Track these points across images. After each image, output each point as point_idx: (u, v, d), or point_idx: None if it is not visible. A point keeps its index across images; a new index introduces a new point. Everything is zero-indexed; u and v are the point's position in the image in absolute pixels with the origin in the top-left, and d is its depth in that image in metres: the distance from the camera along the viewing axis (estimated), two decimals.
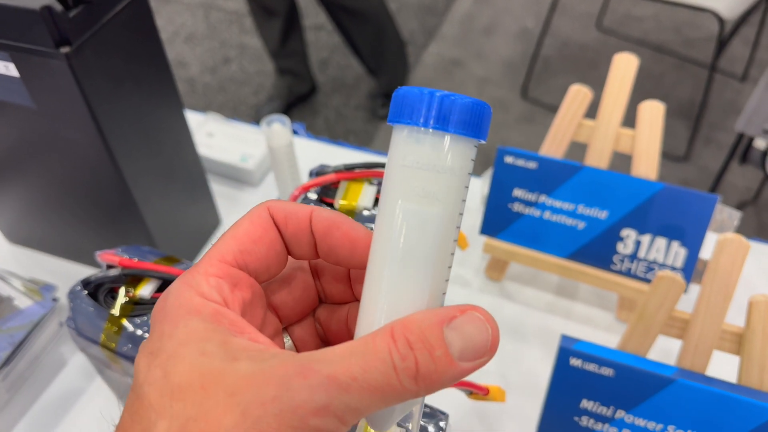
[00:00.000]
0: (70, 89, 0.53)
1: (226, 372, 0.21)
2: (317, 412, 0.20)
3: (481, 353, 0.22)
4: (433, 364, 0.21)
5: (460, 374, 0.22)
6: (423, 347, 0.21)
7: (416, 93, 0.23)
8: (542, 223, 0.66)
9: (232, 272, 0.24)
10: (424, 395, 0.22)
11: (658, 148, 0.62)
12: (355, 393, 0.21)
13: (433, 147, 0.23)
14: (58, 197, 0.67)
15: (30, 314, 0.62)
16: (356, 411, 0.21)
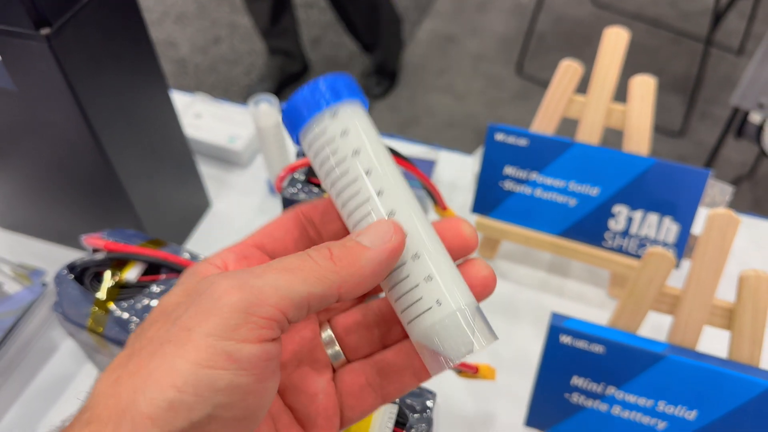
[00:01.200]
0: (51, 71, 0.52)
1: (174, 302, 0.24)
2: (228, 291, 0.22)
3: (387, 236, 0.25)
4: (345, 249, 0.24)
5: (376, 254, 0.24)
6: (334, 243, 0.25)
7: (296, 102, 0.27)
8: (534, 201, 0.65)
9: (246, 249, 0.27)
10: (349, 278, 0.24)
11: (650, 123, 0.61)
12: (272, 274, 0.23)
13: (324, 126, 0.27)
14: (44, 181, 0.66)
15: (19, 300, 0.61)
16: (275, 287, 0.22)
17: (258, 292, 0.22)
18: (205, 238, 0.75)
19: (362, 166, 0.26)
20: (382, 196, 0.26)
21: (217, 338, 0.21)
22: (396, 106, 2.02)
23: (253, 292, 0.22)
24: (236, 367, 0.21)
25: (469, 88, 2.06)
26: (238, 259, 0.26)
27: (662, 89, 2.01)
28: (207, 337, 0.21)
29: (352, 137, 0.26)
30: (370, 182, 0.26)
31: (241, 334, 0.21)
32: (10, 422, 0.60)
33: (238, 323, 0.21)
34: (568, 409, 0.52)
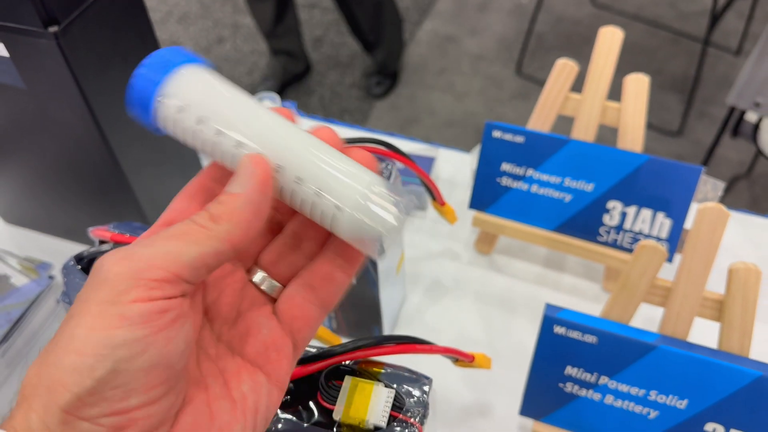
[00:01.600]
0: (59, 68, 0.54)
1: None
2: (117, 262, 0.24)
3: (250, 173, 0.26)
4: (221, 205, 0.26)
5: (248, 196, 0.26)
6: (212, 203, 0.26)
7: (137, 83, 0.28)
8: (530, 197, 0.67)
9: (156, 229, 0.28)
10: (234, 228, 0.25)
11: (644, 120, 0.63)
12: (160, 242, 0.24)
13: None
14: (52, 177, 0.68)
15: (26, 292, 0.63)
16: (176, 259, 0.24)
17: (147, 259, 0.24)
18: None
19: (210, 130, 0.27)
20: (241, 146, 0.27)
21: (109, 304, 0.23)
22: (396, 105, 2.03)
23: (142, 259, 0.24)
24: (128, 324, 0.23)
25: (469, 87, 2.08)
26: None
27: (660, 89, 2.02)
28: (100, 305, 0.23)
29: (190, 110, 0.27)
30: (225, 140, 0.27)
31: (130, 296, 0.23)
32: None
33: (127, 288, 0.23)
34: (561, 399, 0.53)
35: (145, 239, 0.25)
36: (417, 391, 0.38)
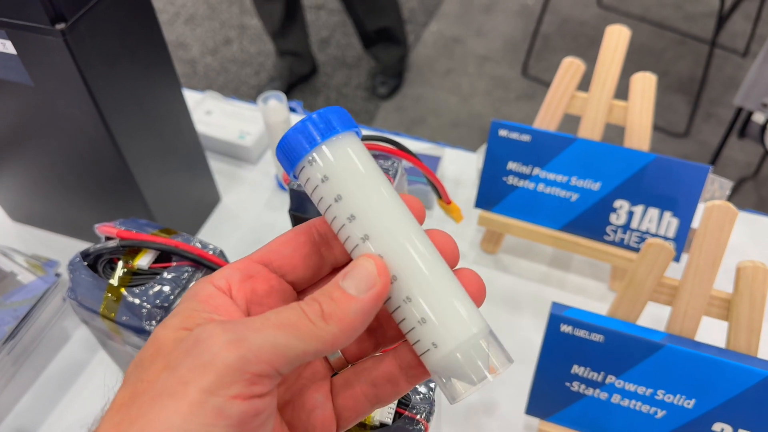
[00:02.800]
0: (66, 66, 0.54)
1: (170, 340, 0.24)
2: (226, 347, 0.22)
3: (372, 281, 0.25)
4: (334, 303, 0.24)
5: (363, 305, 0.25)
6: (323, 295, 0.25)
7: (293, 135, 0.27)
8: (536, 196, 0.66)
9: (251, 266, 0.27)
10: (341, 334, 0.24)
11: (651, 119, 0.62)
12: (270, 331, 0.23)
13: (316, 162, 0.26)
14: (59, 174, 0.68)
15: (33, 289, 0.63)
16: (273, 345, 0.23)
17: (256, 350, 0.23)
18: (215, 231, 0.76)
19: (345, 212, 0.26)
20: (368, 240, 0.26)
21: (210, 394, 0.22)
22: (402, 106, 2.03)
23: (251, 349, 0.22)
24: (225, 424, 0.22)
25: (475, 88, 2.08)
26: (242, 279, 0.27)
27: (667, 90, 2.01)
28: (201, 393, 0.22)
29: (332, 183, 0.26)
30: (355, 228, 0.26)
31: (233, 390, 0.22)
32: (23, 408, 0.62)
33: (232, 380, 0.22)
34: (568, 398, 0.53)
35: (255, 320, 0.24)
36: (423, 388, 0.38)
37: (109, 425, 0.22)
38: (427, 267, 0.26)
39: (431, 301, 0.25)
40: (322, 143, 0.26)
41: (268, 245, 0.28)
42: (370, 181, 0.27)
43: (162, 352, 0.23)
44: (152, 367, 0.23)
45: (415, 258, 0.26)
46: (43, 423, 0.61)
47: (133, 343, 0.47)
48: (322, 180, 0.26)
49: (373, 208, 0.26)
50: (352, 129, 0.27)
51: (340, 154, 0.26)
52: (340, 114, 0.27)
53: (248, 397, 0.22)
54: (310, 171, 0.26)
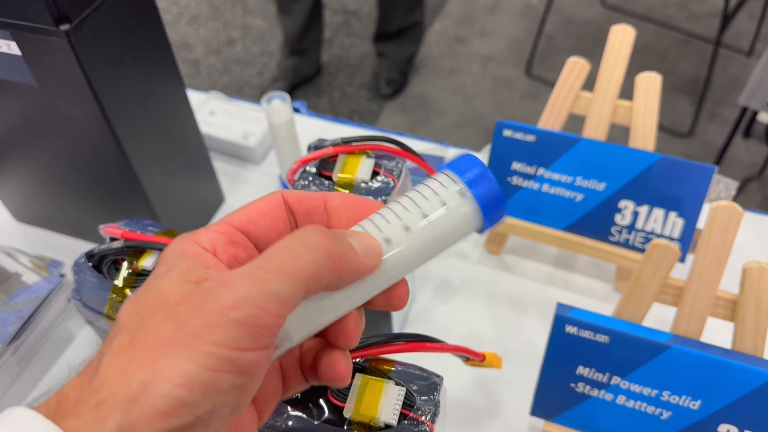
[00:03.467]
0: (70, 66, 0.54)
1: (174, 292, 0.24)
2: (236, 306, 0.23)
3: (374, 254, 0.27)
4: (344, 247, 0.26)
5: (362, 267, 0.26)
6: (333, 234, 0.26)
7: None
8: (540, 196, 0.66)
9: (233, 232, 0.28)
10: (336, 282, 0.26)
11: (656, 119, 0.62)
12: (274, 280, 0.24)
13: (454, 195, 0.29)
14: (63, 175, 0.68)
15: (37, 290, 0.63)
16: (277, 296, 0.23)
17: (262, 305, 0.23)
18: None
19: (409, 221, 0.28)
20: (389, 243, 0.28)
21: (223, 347, 0.23)
22: (406, 107, 2.03)
23: (258, 305, 0.23)
24: (237, 371, 0.23)
25: (479, 88, 2.07)
26: (226, 243, 0.27)
27: (671, 90, 2.01)
28: (213, 345, 0.23)
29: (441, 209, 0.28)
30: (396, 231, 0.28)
31: (245, 344, 0.23)
32: None
33: (244, 335, 0.23)
34: (573, 399, 0.53)
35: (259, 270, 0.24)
36: (428, 390, 0.37)
37: (111, 369, 0.23)
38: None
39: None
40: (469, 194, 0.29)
41: (246, 211, 0.29)
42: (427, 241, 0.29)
43: (166, 304, 0.24)
44: (155, 318, 0.24)
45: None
46: None
47: None
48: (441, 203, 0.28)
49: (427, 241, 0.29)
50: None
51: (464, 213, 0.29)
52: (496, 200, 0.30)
53: (260, 348, 0.23)
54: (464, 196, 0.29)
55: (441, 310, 0.67)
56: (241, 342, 0.23)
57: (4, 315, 0.61)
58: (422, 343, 0.41)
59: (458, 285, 0.70)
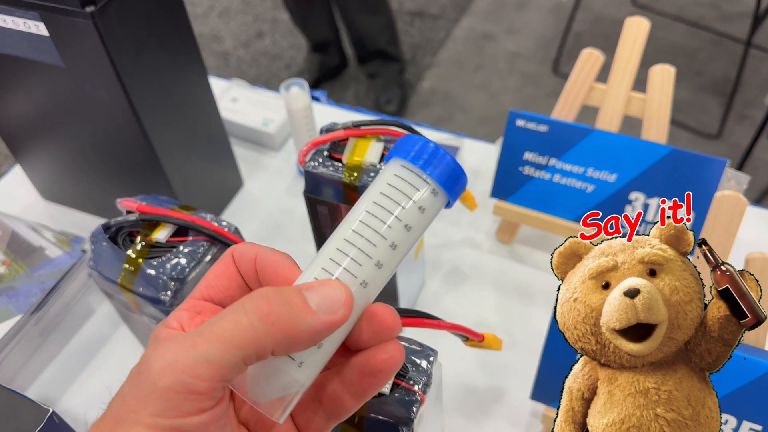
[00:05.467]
0: (95, 48, 0.56)
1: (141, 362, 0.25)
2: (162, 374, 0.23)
3: (336, 306, 0.25)
4: (287, 307, 0.24)
5: (319, 324, 0.25)
6: (278, 296, 0.25)
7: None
8: (552, 186, 0.67)
9: (197, 304, 0.28)
10: (286, 346, 0.24)
11: (669, 111, 0.62)
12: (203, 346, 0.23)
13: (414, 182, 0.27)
14: (88, 156, 0.70)
15: (60, 263, 0.65)
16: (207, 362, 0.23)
17: (191, 371, 0.23)
18: (236, 215, 0.78)
19: (396, 238, 0.27)
20: (380, 268, 0.27)
21: (163, 418, 0.23)
22: (430, 102, 2.04)
23: (186, 371, 0.23)
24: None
25: (504, 85, 2.07)
26: (191, 316, 0.28)
27: (700, 91, 1.98)
28: (151, 417, 0.23)
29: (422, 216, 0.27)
30: (384, 252, 0.27)
31: (183, 410, 0.23)
32: (47, 378, 0.64)
33: (178, 403, 0.23)
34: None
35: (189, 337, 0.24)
36: (422, 362, 0.39)
37: None
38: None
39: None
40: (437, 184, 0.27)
41: (205, 279, 0.29)
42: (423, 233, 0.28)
43: (122, 384, 0.25)
44: (113, 399, 0.25)
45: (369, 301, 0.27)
46: (65, 393, 0.63)
47: (149, 314, 0.49)
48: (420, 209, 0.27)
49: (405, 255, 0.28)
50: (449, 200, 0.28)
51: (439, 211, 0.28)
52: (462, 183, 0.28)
53: (199, 411, 0.23)
54: (428, 194, 0.27)
55: (450, 297, 0.68)
56: (177, 410, 0.23)
57: (28, 286, 0.63)
58: (420, 318, 0.42)
59: (468, 273, 0.70)
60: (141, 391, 0.23)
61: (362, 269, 0.27)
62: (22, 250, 0.66)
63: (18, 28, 0.58)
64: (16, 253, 0.66)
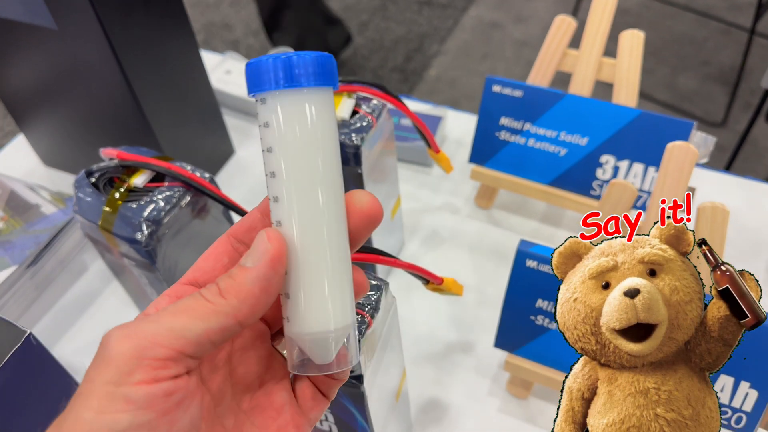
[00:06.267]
0: (85, 10, 0.59)
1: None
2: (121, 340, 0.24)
3: (263, 250, 0.26)
4: (230, 279, 0.26)
5: (258, 272, 0.26)
6: (223, 277, 0.26)
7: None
8: (527, 151, 0.69)
9: (180, 288, 0.28)
10: (241, 304, 0.25)
11: (638, 76, 0.64)
12: (165, 318, 0.24)
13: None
14: (84, 120, 0.74)
15: (54, 219, 0.69)
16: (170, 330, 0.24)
17: (150, 336, 0.24)
18: (227, 181, 0.81)
19: (269, 166, 0.26)
20: (276, 202, 0.26)
21: (115, 385, 0.23)
22: (437, 90, 2.06)
23: (146, 336, 0.24)
24: (134, 408, 0.23)
25: (511, 73, 2.08)
26: (170, 301, 0.28)
27: (707, 80, 1.98)
28: (105, 386, 0.23)
29: (269, 132, 0.26)
30: (271, 185, 0.26)
31: (135, 377, 0.23)
32: (41, 328, 0.67)
33: (131, 369, 0.23)
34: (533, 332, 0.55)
35: (153, 314, 0.25)
36: (373, 290, 0.41)
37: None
38: (318, 249, 0.26)
39: (305, 282, 0.26)
40: (279, 89, 0.25)
41: (194, 264, 0.29)
42: (304, 145, 0.26)
43: None
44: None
45: (312, 237, 0.26)
46: (57, 342, 0.66)
47: (128, 254, 0.52)
48: (264, 125, 0.26)
49: (291, 172, 0.26)
50: (324, 85, 0.26)
51: (289, 108, 0.26)
52: (320, 65, 0.26)
53: (153, 381, 0.23)
54: (260, 109, 0.26)
55: (427, 258, 0.71)
56: (131, 376, 0.23)
57: (23, 240, 0.67)
58: (377, 255, 0.44)
59: (446, 236, 0.73)
60: (99, 360, 0.24)
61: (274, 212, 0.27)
62: (19, 207, 0.70)
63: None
64: (14, 210, 0.70)
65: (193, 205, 0.52)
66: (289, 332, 0.28)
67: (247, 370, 0.29)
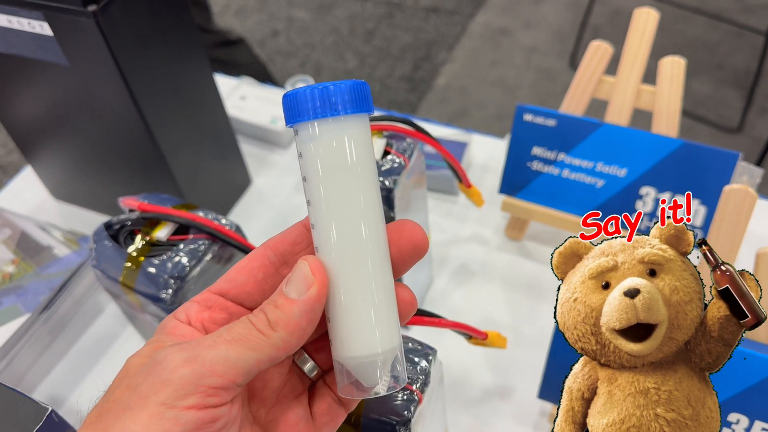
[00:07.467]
0: (98, 46, 0.56)
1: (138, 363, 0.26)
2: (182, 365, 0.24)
3: (309, 282, 0.26)
4: (278, 310, 0.26)
5: (304, 305, 0.26)
6: (269, 305, 0.27)
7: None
8: (561, 182, 0.66)
9: (210, 297, 0.29)
10: (290, 337, 0.26)
11: (680, 104, 0.61)
12: (222, 346, 0.25)
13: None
14: (96, 154, 0.71)
15: (68, 262, 0.66)
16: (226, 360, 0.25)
17: (209, 365, 0.25)
18: (245, 213, 0.78)
19: (306, 193, 0.27)
20: (314, 229, 0.27)
21: (167, 406, 0.24)
22: (446, 98, 2.03)
23: (204, 364, 0.24)
24: (181, 430, 0.24)
25: (521, 80, 2.05)
26: (200, 310, 0.29)
27: (721, 84, 1.95)
28: (159, 405, 0.24)
29: (304, 162, 0.27)
30: (310, 213, 0.27)
31: (188, 401, 0.24)
32: (57, 376, 0.65)
33: (187, 393, 0.24)
34: None
35: (208, 338, 0.26)
36: (421, 361, 0.38)
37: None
38: (356, 276, 0.27)
39: (346, 308, 0.27)
40: (313, 120, 0.26)
41: (226, 274, 0.30)
42: (340, 172, 0.26)
43: (128, 375, 0.26)
44: (117, 389, 0.25)
45: (350, 264, 0.26)
46: (73, 391, 0.63)
47: (152, 312, 0.49)
48: (299, 155, 0.27)
49: (327, 199, 0.26)
50: (359, 112, 0.26)
51: (324, 137, 0.26)
52: (355, 93, 0.26)
53: (204, 407, 0.24)
54: (296, 139, 0.27)
55: (457, 294, 0.68)
56: (186, 399, 0.24)
57: (36, 285, 0.64)
58: (421, 317, 0.41)
59: (476, 270, 0.70)
60: (156, 379, 0.24)
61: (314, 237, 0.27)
62: (30, 249, 0.67)
63: (23, 28, 0.58)
64: (25, 252, 0.67)
65: (219, 256, 0.49)
66: (336, 356, 0.28)
67: (265, 386, 0.30)
